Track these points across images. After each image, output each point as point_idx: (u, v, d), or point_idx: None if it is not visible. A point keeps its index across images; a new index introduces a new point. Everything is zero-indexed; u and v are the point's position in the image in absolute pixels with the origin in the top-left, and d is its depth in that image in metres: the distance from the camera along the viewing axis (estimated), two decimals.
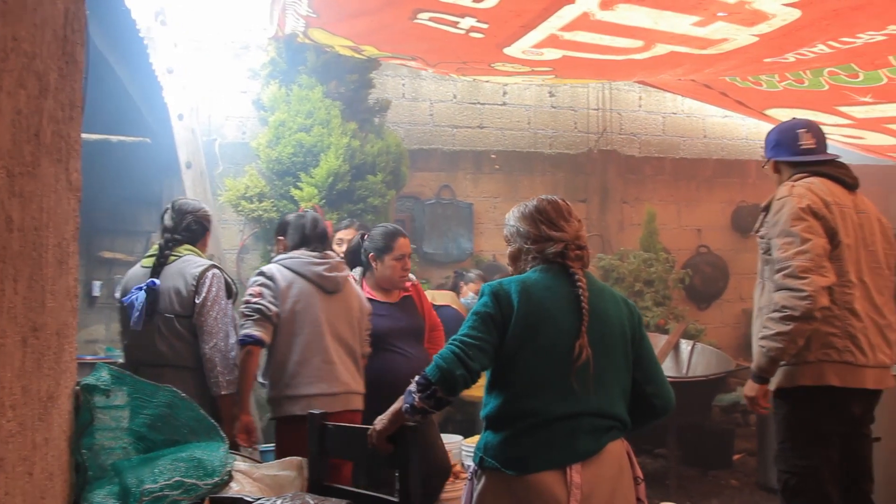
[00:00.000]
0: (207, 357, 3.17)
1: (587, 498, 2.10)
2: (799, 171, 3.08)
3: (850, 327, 2.88)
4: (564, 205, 2.37)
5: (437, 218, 6.54)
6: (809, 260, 2.81)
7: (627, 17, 3.55)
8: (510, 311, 2.17)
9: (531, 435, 2.13)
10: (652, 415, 2.34)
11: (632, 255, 6.59)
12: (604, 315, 2.24)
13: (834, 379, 2.87)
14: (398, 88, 6.79)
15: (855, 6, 3.16)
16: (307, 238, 3.43)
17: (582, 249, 2.30)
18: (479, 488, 2.20)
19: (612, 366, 2.23)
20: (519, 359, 2.17)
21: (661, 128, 7.58)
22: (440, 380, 2.11)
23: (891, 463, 4.42)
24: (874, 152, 6.79)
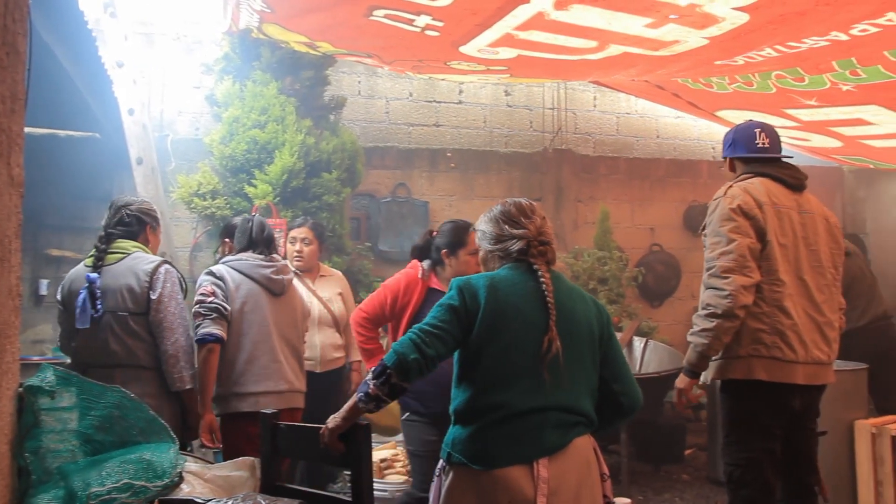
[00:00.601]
0: (170, 353, 3.16)
1: (554, 492, 2.12)
2: (747, 171, 3.19)
3: (779, 324, 2.98)
4: (528, 204, 2.41)
5: (393, 216, 6.53)
6: (732, 260, 2.93)
7: (581, 17, 3.58)
8: (477, 306, 2.19)
9: (498, 429, 2.15)
10: (619, 413, 2.38)
11: (586, 253, 6.66)
12: (571, 313, 2.28)
13: (762, 374, 2.98)
14: (354, 86, 6.75)
15: (800, 12, 3.23)
16: (254, 241, 3.54)
17: (545, 245, 2.33)
18: (446, 484, 2.21)
19: (579, 363, 2.27)
20: (486, 354, 2.19)
21: (615, 128, 7.67)
22: (395, 364, 2.12)
23: (835, 455, 4.55)
24: (819, 154, 6.96)
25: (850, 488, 4.52)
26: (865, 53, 3.79)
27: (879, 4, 3.09)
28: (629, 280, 6.75)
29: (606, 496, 2.33)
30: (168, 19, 6.09)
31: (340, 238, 5.63)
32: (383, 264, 6.44)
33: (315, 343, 4.41)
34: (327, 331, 4.48)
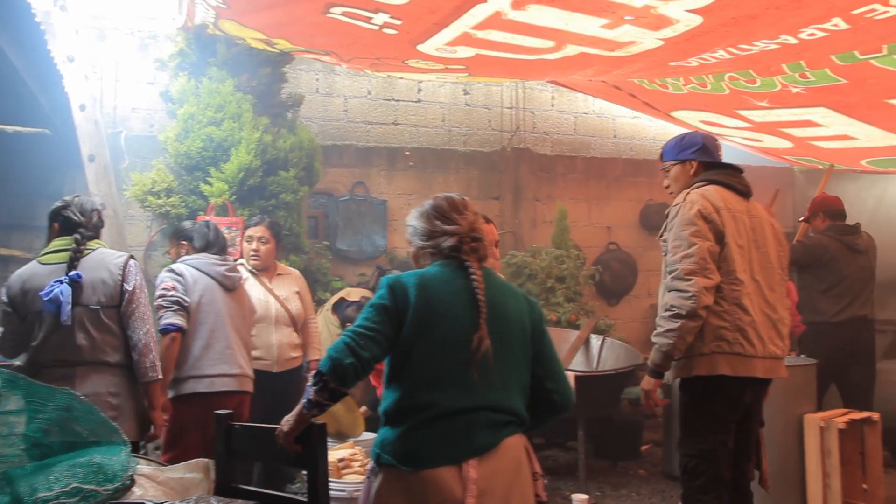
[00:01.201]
0: (144, 343, 3.29)
1: (483, 493, 2.10)
2: (703, 178, 3.33)
3: (739, 321, 3.11)
4: (460, 199, 2.37)
5: (351, 215, 6.49)
6: (694, 263, 3.06)
7: (538, 17, 3.60)
8: (406, 304, 2.16)
9: (427, 430, 2.13)
10: (552, 411, 2.35)
11: (544, 251, 6.70)
12: (503, 310, 2.25)
13: (726, 368, 3.09)
14: (312, 83, 6.71)
15: (751, 15, 3.30)
16: (211, 244, 3.94)
17: (477, 242, 2.29)
18: (375, 485, 2.18)
19: (510, 361, 2.24)
20: (415, 352, 2.16)
21: (572, 127, 7.73)
22: (330, 370, 2.10)
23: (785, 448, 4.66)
24: (771, 154, 7.10)
25: (799, 480, 4.62)
26: (813, 57, 3.88)
27: (826, 10, 3.17)
28: (586, 278, 6.82)
29: (538, 495, 2.31)
30: (121, 14, 5.97)
31: (298, 237, 5.58)
32: (341, 263, 6.41)
33: (272, 342, 4.37)
34: (284, 330, 4.44)
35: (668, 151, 3.48)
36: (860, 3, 3.06)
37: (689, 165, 3.39)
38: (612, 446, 5.95)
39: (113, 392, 3.21)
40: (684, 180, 3.39)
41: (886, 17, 3.17)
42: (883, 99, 4.54)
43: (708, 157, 3.39)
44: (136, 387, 3.32)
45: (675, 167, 3.44)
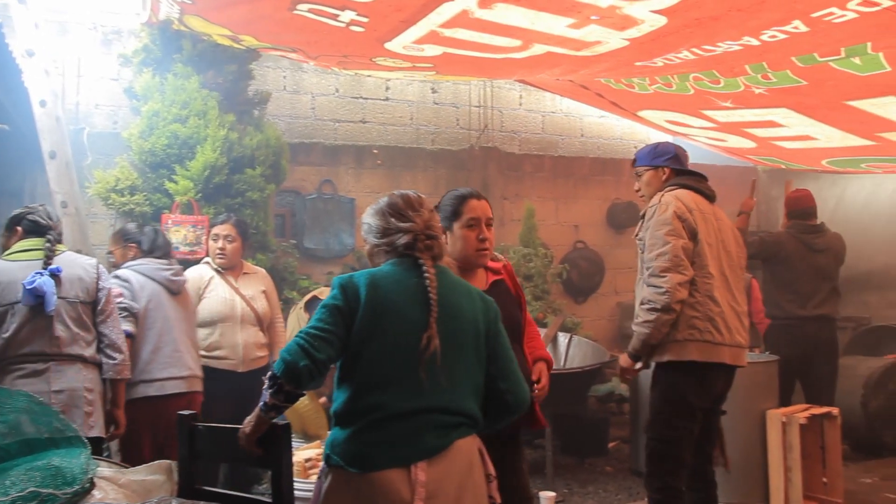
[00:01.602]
0: (118, 343, 3.46)
1: (432, 496, 2.08)
2: (675, 182, 3.60)
3: (710, 311, 3.36)
4: (416, 197, 2.36)
5: (319, 213, 6.46)
6: (668, 260, 3.31)
7: (505, 16, 3.61)
8: (357, 303, 2.14)
9: (375, 431, 2.10)
10: (505, 411, 2.33)
11: (511, 250, 6.73)
12: (456, 309, 2.24)
13: (696, 354, 3.33)
14: (279, 80, 6.66)
15: (714, 17, 3.34)
16: (157, 247, 4.09)
17: (432, 239, 2.28)
18: (325, 486, 2.16)
19: (462, 361, 2.22)
20: (365, 353, 2.14)
21: (540, 126, 7.77)
22: (285, 373, 2.08)
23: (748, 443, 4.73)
24: (735, 154, 7.20)
25: (762, 475, 4.70)
26: (775, 58, 3.94)
27: (787, 12, 3.22)
28: (554, 276, 6.86)
29: (492, 497, 2.29)
30: (83, 8, 5.87)
31: (265, 235, 5.53)
32: (309, 262, 6.38)
33: (237, 342, 4.34)
34: (250, 329, 4.41)
35: (642, 157, 3.72)
36: (818, 7, 3.11)
37: (662, 172, 3.65)
38: (579, 443, 6.00)
39: (88, 388, 3.32)
40: (656, 185, 3.65)
41: (844, 21, 3.23)
42: (841, 100, 4.62)
43: (679, 165, 3.67)
44: (104, 384, 3.44)
45: (648, 172, 3.68)
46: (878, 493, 5.10)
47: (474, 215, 2.86)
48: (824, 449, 4.79)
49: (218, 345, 4.31)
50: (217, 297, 4.34)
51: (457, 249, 2.86)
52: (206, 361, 4.27)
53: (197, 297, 4.32)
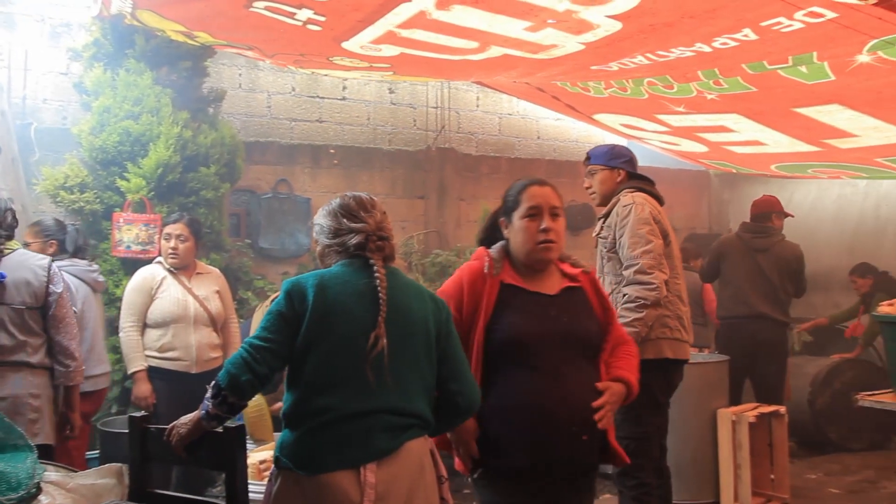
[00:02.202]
0: (72, 348, 3.41)
1: (382, 498, 2.07)
2: (631, 185, 3.68)
3: (678, 310, 3.51)
4: (367, 198, 2.35)
5: (274, 212, 6.39)
6: (654, 258, 3.37)
7: (463, 18, 3.62)
8: (304, 306, 2.12)
9: (325, 433, 2.09)
10: (456, 413, 2.33)
11: (468, 251, 6.74)
12: (406, 310, 2.23)
13: (669, 352, 3.45)
14: (234, 78, 6.58)
15: (667, 23, 3.39)
16: (80, 248, 4.22)
17: (384, 240, 2.27)
18: (274, 489, 2.14)
19: (412, 362, 2.21)
20: (314, 354, 2.12)
21: (497, 128, 7.81)
22: (228, 386, 2.08)
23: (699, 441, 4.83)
24: (688, 158, 7.33)
25: (712, 472, 4.79)
26: (726, 65, 4.02)
27: (737, 21, 3.29)
28: None
29: (444, 499, 2.29)
30: (31, 0, 5.72)
31: (219, 234, 5.47)
32: (264, 262, 6.31)
33: (191, 343, 4.28)
34: (204, 330, 4.36)
35: (598, 156, 3.79)
36: (767, 16, 3.19)
37: (617, 173, 3.73)
38: None
39: (34, 394, 3.25)
40: (610, 186, 3.74)
41: (791, 31, 3.31)
42: (789, 107, 4.74)
43: (633, 168, 3.76)
44: (56, 389, 3.38)
45: (602, 172, 3.76)
46: (822, 488, 5.25)
47: (534, 203, 2.54)
48: (772, 446, 4.91)
49: (170, 346, 4.25)
50: (169, 297, 4.28)
51: (517, 244, 2.56)
52: (157, 363, 4.22)
53: (149, 298, 4.25)
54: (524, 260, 2.55)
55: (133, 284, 4.32)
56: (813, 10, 3.09)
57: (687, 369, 4.88)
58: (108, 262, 4.92)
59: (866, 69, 3.82)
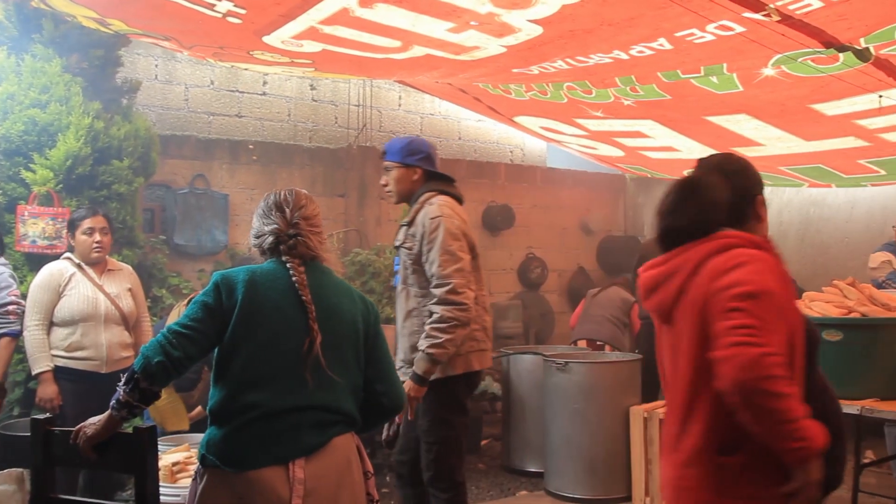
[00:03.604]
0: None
1: (311, 493, 2.08)
2: (433, 187, 3.50)
3: (484, 322, 3.46)
4: (286, 197, 2.33)
5: (190, 208, 6.23)
6: (464, 276, 3.27)
7: (386, 16, 3.62)
8: (233, 302, 2.11)
9: (253, 429, 2.09)
10: (380, 413, 2.37)
11: (388, 250, 6.73)
12: (335, 310, 2.24)
13: (476, 364, 3.42)
14: (150, 69, 6.39)
15: (587, 30, 3.48)
16: (4, 246, 4.18)
17: (293, 238, 2.25)
18: (200, 487, 2.12)
19: (341, 361, 2.22)
20: (242, 351, 2.11)
21: (419, 127, 7.83)
22: (141, 368, 2.04)
23: (613, 439, 4.94)
24: (605, 162, 7.51)
25: (625, 468, 4.93)
26: (643, 73, 4.15)
27: (654, 30, 3.40)
28: None
29: (370, 494, 2.32)
30: None
31: (132, 230, 5.28)
32: (179, 259, 6.15)
33: (101, 342, 4.14)
34: (115, 329, 4.22)
35: (393, 153, 3.54)
36: (681, 27, 3.31)
37: (414, 171, 3.50)
38: None
39: None
40: (407, 184, 3.52)
41: (703, 42, 3.45)
42: (701, 115, 4.92)
43: (431, 166, 3.54)
44: None
45: (398, 169, 3.52)
46: None
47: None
48: None
49: (79, 345, 4.09)
50: (79, 294, 4.12)
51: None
52: (65, 363, 4.06)
53: (56, 295, 4.09)
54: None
55: (39, 281, 4.14)
56: (723, 24, 3.22)
57: (600, 368, 5.05)
58: (12, 257, 4.70)
59: (771, 82, 4.01)
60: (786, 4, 3.00)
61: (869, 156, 5.43)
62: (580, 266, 8.59)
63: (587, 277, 8.59)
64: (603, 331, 6.20)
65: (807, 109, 4.54)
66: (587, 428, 4.96)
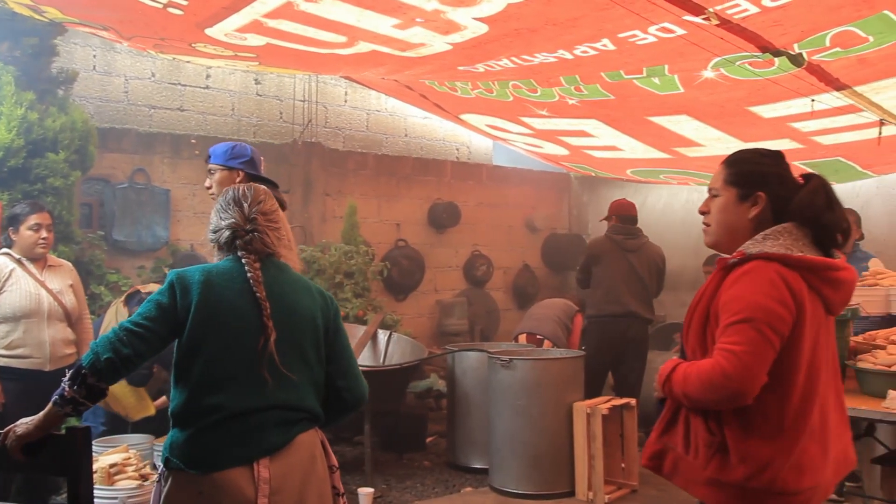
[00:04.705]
0: None
1: (276, 491, 2.08)
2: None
3: None
4: (244, 192, 2.30)
5: (130, 203, 6.09)
6: None
7: (331, 11, 3.58)
8: (187, 301, 2.09)
9: (216, 431, 2.07)
10: (343, 408, 2.35)
11: (333, 247, 6.69)
12: (294, 306, 2.23)
13: None
14: (88, 59, 6.21)
15: (532, 29, 3.50)
16: None
17: (250, 234, 2.23)
18: (165, 491, 2.09)
19: (301, 358, 2.22)
20: (202, 352, 2.09)
21: (365, 124, 7.79)
22: (89, 364, 1.99)
23: (556, 435, 4.99)
24: (550, 160, 7.59)
25: (568, 463, 4.99)
26: (587, 72, 4.19)
27: (597, 31, 3.44)
28: (375, 274, 6.90)
29: (335, 487, 2.33)
30: None
31: (68, 226, 5.14)
32: (118, 255, 6.00)
33: (44, 339, 4.03)
34: (58, 325, 4.12)
35: (217, 155, 3.47)
36: (624, 29, 3.36)
37: (236, 174, 3.41)
38: (398, 439, 6.07)
39: None
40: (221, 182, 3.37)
41: (646, 43, 3.51)
42: (643, 115, 5.00)
43: (254, 170, 3.48)
44: None
45: (221, 172, 3.41)
46: None
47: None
48: (623, 437, 5.16)
49: (21, 342, 3.97)
50: (20, 290, 3.99)
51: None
52: (6, 361, 3.94)
53: None
54: None
55: None
56: (665, 26, 3.28)
57: (545, 365, 5.09)
58: None
59: (711, 84, 4.10)
60: (724, 9, 3.07)
61: (802, 158, 5.60)
62: (525, 263, 8.67)
63: (532, 275, 8.68)
64: (544, 327, 6.29)
65: (745, 111, 4.66)
66: (531, 424, 5.01)
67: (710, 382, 1.96)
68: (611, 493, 4.92)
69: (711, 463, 2.04)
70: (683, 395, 2.05)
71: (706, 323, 2.10)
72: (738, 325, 1.97)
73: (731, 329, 1.98)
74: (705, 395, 1.99)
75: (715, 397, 1.98)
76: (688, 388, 2.03)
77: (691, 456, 2.09)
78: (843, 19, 3.17)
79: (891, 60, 3.63)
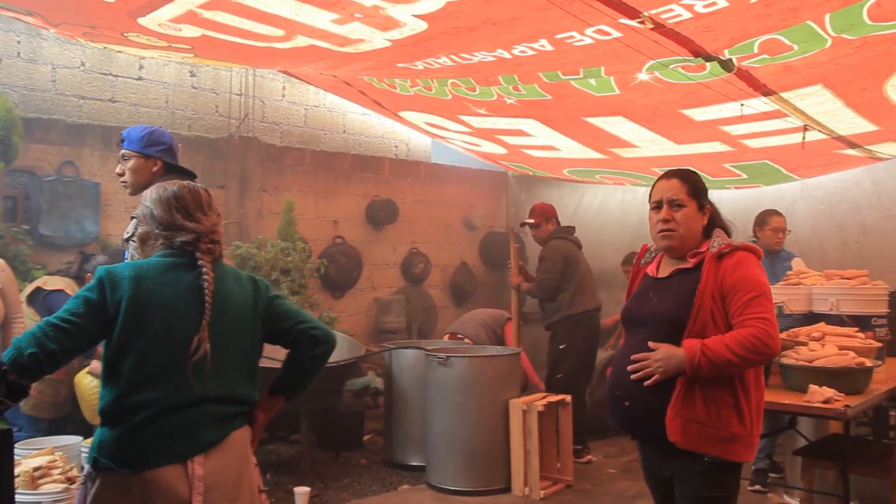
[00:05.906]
0: None
1: (210, 489, 2.05)
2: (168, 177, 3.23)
3: None
4: (205, 196, 2.29)
5: (58, 197, 5.88)
6: None
7: (268, 3, 3.53)
8: (116, 297, 2.03)
9: (148, 429, 2.02)
10: (314, 343, 2.33)
11: (269, 243, 6.60)
12: (228, 298, 2.20)
13: None
14: (12, 45, 5.98)
15: (471, 27, 3.52)
16: None
17: (215, 244, 2.23)
18: (93, 492, 2.02)
19: (237, 348, 2.20)
20: (132, 348, 2.04)
21: (303, 119, 7.70)
22: (11, 360, 1.92)
23: (493, 431, 5.03)
24: (488, 159, 7.64)
25: (504, 460, 5.03)
26: (525, 72, 4.24)
27: (535, 31, 3.48)
28: (312, 271, 6.83)
29: (258, 486, 2.31)
30: None
31: None
32: (45, 250, 5.80)
33: None
34: None
35: (132, 141, 3.28)
36: (562, 30, 3.41)
37: (154, 163, 3.28)
38: (335, 437, 6.03)
39: None
40: (145, 175, 3.27)
41: (583, 45, 3.56)
42: (580, 116, 5.08)
43: (172, 159, 3.35)
44: None
45: (137, 160, 3.27)
46: (602, 469, 5.67)
47: (657, 197, 2.69)
48: (559, 433, 5.24)
49: None
50: None
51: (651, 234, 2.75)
52: None
53: None
54: (657, 247, 2.80)
55: None
56: (601, 28, 3.33)
57: (481, 362, 5.13)
58: None
59: (645, 86, 4.18)
60: (658, 13, 3.13)
61: (732, 160, 5.77)
62: (463, 261, 8.71)
63: (470, 273, 8.72)
64: (467, 328, 6.53)
65: (677, 114, 4.77)
66: (468, 421, 5.04)
67: (758, 345, 2.40)
68: (546, 489, 4.99)
69: (731, 422, 2.45)
70: (728, 362, 2.41)
71: (714, 304, 2.51)
72: (759, 299, 2.46)
73: (755, 302, 2.46)
74: (752, 356, 2.41)
75: (760, 358, 2.43)
76: (733, 355, 2.41)
77: (713, 421, 2.45)
78: (770, 27, 3.28)
79: (814, 68, 3.77)
